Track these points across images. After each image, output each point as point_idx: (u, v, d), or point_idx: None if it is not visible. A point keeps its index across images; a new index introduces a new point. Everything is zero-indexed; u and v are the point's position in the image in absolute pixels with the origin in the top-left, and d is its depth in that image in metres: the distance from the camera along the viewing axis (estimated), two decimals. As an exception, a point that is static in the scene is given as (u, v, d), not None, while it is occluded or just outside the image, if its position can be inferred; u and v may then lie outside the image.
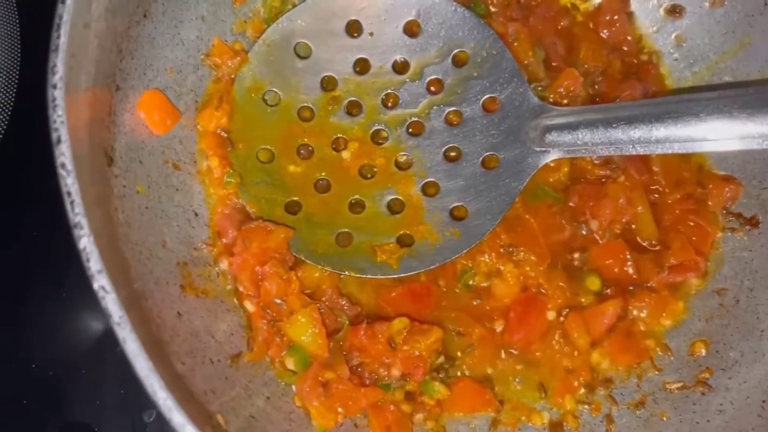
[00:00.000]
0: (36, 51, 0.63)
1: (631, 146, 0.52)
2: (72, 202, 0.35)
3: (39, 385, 0.60)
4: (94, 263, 0.34)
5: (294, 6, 0.60)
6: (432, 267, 0.55)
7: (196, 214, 0.54)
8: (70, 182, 0.35)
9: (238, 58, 0.58)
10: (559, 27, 0.65)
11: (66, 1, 0.39)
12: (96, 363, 0.59)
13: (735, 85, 0.59)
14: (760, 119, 0.46)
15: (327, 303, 0.53)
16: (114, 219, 0.44)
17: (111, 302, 0.34)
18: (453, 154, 0.58)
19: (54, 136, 0.36)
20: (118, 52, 0.48)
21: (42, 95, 0.38)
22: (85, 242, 0.34)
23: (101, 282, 0.34)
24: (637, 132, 0.51)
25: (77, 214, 0.35)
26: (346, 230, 0.56)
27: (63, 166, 0.36)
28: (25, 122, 0.63)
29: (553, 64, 0.62)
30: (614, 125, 0.52)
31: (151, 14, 0.52)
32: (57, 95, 0.37)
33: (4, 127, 0.63)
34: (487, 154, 0.57)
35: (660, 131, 0.50)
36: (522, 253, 0.58)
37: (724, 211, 0.59)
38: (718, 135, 0.48)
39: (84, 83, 0.42)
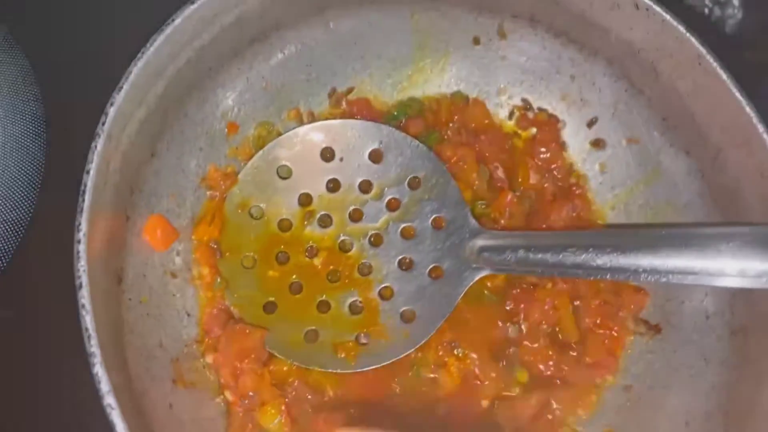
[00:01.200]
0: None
1: (548, 269, 0.62)
2: (89, 337, 0.46)
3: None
4: (104, 385, 0.46)
5: (279, 135, 0.72)
6: (384, 363, 0.66)
7: (188, 315, 0.65)
8: (88, 320, 0.47)
9: (230, 180, 0.69)
10: (506, 147, 0.76)
11: (90, 171, 0.51)
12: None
13: (632, 226, 0.70)
14: (645, 257, 0.57)
15: (294, 393, 0.64)
16: (121, 330, 0.56)
17: (116, 417, 0.46)
18: (406, 263, 0.69)
19: (77, 282, 0.48)
20: (129, 191, 0.60)
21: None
22: (98, 369, 0.46)
23: (109, 400, 0.46)
24: (552, 258, 0.62)
25: (92, 345, 0.46)
26: (314, 328, 0.67)
27: (83, 306, 0.47)
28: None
29: (497, 185, 0.74)
30: (533, 251, 0.63)
31: (157, 153, 0.63)
32: (81, 249, 0.49)
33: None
34: (434, 265, 0.68)
35: (569, 259, 0.61)
36: (463, 349, 0.69)
37: (634, 318, 0.69)
38: (611, 267, 0.59)
39: (102, 227, 0.54)
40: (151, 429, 0.53)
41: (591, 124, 0.73)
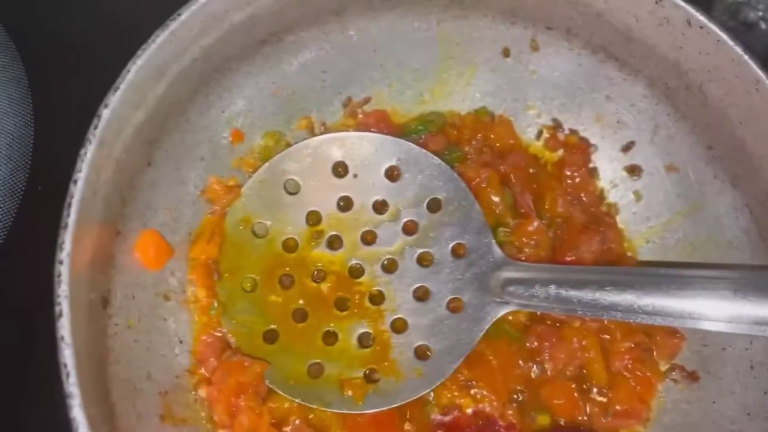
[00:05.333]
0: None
1: (580, 309, 0.57)
2: (68, 374, 0.40)
3: None
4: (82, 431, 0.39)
5: (288, 146, 0.66)
6: (394, 405, 0.59)
7: (181, 342, 0.59)
8: (67, 354, 0.40)
9: (232, 194, 0.63)
10: (530, 172, 0.70)
11: (78, 180, 0.45)
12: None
13: (674, 265, 0.64)
14: (691, 301, 0.52)
15: (294, 433, 0.58)
16: (106, 361, 0.49)
17: (94, 469, 0.39)
18: (422, 293, 0.63)
19: (56, 309, 0.41)
20: (121, 203, 0.54)
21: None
22: (76, 412, 0.39)
23: (87, 450, 0.39)
24: (586, 296, 0.56)
25: (71, 384, 0.40)
26: (318, 361, 0.61)
27: (62, 339, 0.41)
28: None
29: (521, 210, 0.68)
30: (566, 287, 0.57)
31: (154, 162, 0.57)
32: (62, 271, 0.42)
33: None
34: (453, 296, 0.62)
35: (606, 298, 0.55)
36: (480, 389, 0.63)
37: (668, 364, 0.63)
38: (654, 309, 0.53)
39: (88, 243, 0.48)
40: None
41: (626, 149, 0.68)
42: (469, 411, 0.63)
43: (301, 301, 0.62)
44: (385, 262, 0.64)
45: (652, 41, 0.60)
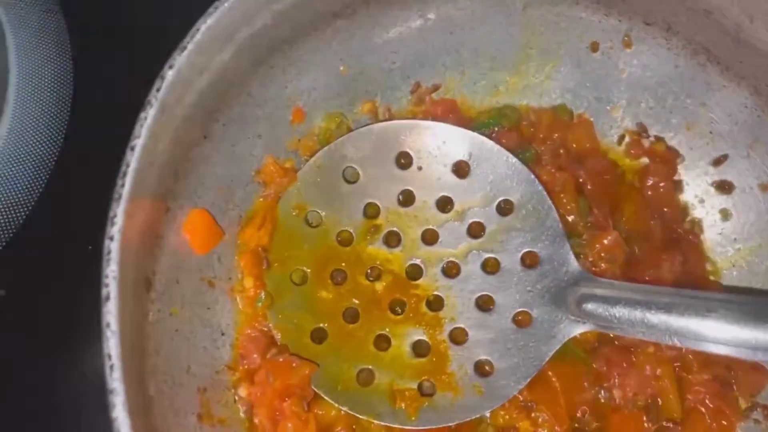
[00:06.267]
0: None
1: (667, 336, 0.51)
2: (111, 367, 0.35)
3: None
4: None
5: (349, 130, 0.60)
6: (450, 424, 0.54)
7: (223, 334, 0.54)
8: (113, 344, 0.35)
9: (288, 177, 0.58)
10: (605, 179, 0.64)
11: (135, 148, 0.40)
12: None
13: None
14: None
15: (339, 446, 0.53)
16: (146, 351, 0.44)
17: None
18: (486, 302, 0.57)
19: (104, 292, 0.36)
20: (174, 176, 0.49)
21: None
22: (119, 412, 0.34)
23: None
24: (676, 323, 0.50)
25: (115, 379, 0.35)
26: (369, 367, 0.55)
27: (108, 326, 0.36)
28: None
29: (595, 220, 0.62)
30: (653, 310, 0.51)
31: (211, 135, 0.52)
32: (113, 248, 0.37)
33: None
34: (521, 309, 0.57)
35: (699, 327, 0.49)
36: (541, 412, 0.57)
37: (749, 401, 0.58)
38: (758, 344, 0.47)
39: (138, 219, 0.42)
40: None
41: (718, 162, 0.62)
42: (527, 437, 0.57)
43: (353, 300, 0.57)
44: (447, 266, 0.58)
45: (765, 45, 0.54)
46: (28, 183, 0.62)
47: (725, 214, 0.62)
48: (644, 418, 0.58)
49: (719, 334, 0.48)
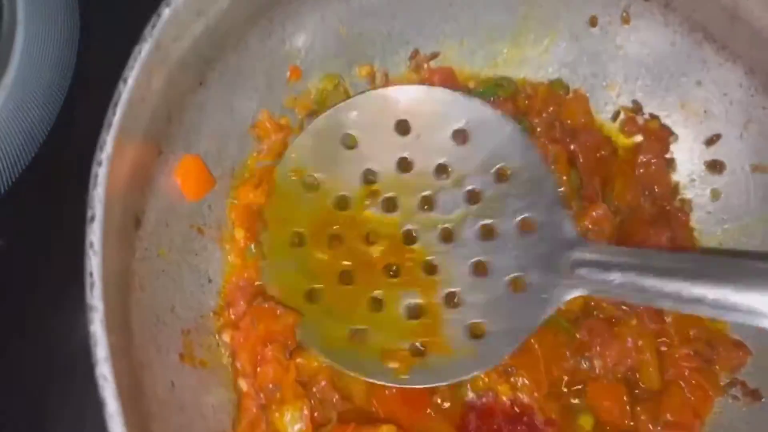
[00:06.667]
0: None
1: (660, 299, 0.49)
2: (92, 284, 0.36)
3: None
4: (100, 349, 0.35)
5: (346, 92, 0.61)
6: (441, 384, 0.54)
7: (210, 281, 0.55)
8: (95, 263, 0.36)
9: (283, 133, 0.59)
10: (598, 155, 0.65)
11: (128, 79, 0.40)
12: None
13: None
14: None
15: (319, 394, 0.53)
16: (130, 284, 0.45)
17: (108, 391, 0.35)
18: (480, 267, 0.57)
19: (89, 213, 0.37)
20: (167, 119, 0.49)
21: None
22: (96, 327, 0.35)
23: (103, 370, 0.35)
24: (670, 286, 0.49)
25: (94, 296, 0.35)
26: (362, 327, 0.56)
27: (91, 245, 0.37)
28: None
29: (585, 193, 0.63)
30: (647, 274, 0.50)
31: (207, 82, 0.53)
32: (100, 173, 0.38)
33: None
34: (515, 275, 0.56)
35: (695, 290, 0.48)
36: (521, 377, 0.58)
37: (729, 378, 0.58)
38: (751, 308, 0.46)
39: (129, 154, 0.43)
40: (146, 409, 0.42)
41: (711, 142, 0.62)
42: (505, 399, 0.58)
43: (348, 263, 0.57)
44: (443, 231, 0.58)
45: (760, 23, 0.55)
46: (33, 129, 0.63)
47: (715, 194, 0.62)
48: (623, 389, 0.58)
49: (713, 297, 0.47)
